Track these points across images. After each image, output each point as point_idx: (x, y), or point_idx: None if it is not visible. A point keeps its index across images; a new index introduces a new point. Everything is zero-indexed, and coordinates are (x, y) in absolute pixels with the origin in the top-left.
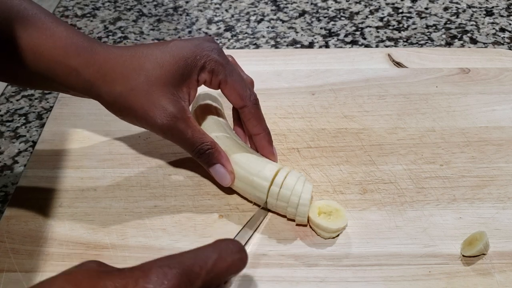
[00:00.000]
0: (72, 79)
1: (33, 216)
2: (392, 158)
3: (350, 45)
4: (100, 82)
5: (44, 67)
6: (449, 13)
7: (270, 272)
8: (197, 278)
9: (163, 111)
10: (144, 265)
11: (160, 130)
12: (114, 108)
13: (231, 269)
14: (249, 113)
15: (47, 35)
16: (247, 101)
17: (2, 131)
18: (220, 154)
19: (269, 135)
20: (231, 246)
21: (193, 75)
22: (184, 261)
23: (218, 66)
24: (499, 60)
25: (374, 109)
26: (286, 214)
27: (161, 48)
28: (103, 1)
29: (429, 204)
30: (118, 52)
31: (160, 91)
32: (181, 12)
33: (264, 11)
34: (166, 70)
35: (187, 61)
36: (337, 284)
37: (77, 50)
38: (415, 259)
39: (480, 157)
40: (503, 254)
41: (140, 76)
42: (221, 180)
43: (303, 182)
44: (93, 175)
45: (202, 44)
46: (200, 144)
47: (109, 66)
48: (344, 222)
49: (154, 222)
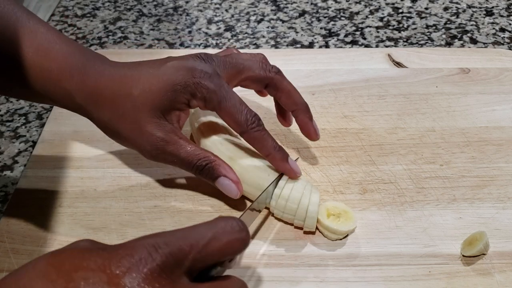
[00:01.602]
0: (66, 101)
1: (33, 216)
2: (392, 158)
3: (350, 45)
4: (91, 107)
5: (39, 86)
6: (449, 13)
7: (270, 272)
8: (185, 259)
9: (150, 136)
10: (129, 244)
11: (151, 155)
12: (106, 132)
13: (226, 249)
14: (249, 138)
15: (43, 54)
16: (244, 126)
17: (2, 131)
18: (220, 166)
19: (281, 152)
20: (230, 224)
21: (183, 100)
22: (172, 241)
23: (209, 93)
24: (499, 60)
25: (374, 109)
26: (294, 224)
27: (152, 72)
28: (103, 1)
29: (429, 204)
30: (109, 75)
31: (147, 116)
32: (181, 12)
33: (264, 11)
34: (154, 95)
35: (176, 87)
36: (337, 284)
37: (71, 72)
38: (415, 259)
39: (480, 157)
40: (503, 254)
41: (126, 103)
42: (229, 193)
43: (309, 193)
44: (93, 175)
45: (194, 69)
46: (197, 161)
47: (99, 92)
48: (353, 224)
49: (154, 222)
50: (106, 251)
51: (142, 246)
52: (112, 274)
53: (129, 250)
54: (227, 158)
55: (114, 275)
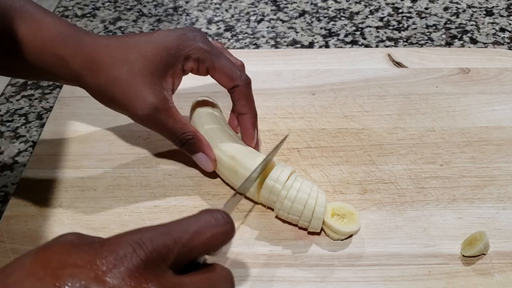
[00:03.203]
0: (60, 68)
1: (33, 216)
2: (392, 158)
3: (350, 45)
4: (86, 71)
5: (33, 57)
6: (449, 13)
7: (270, 272)
8: (169, 253)
9: (144, 101)
10: (114, 240)
11: (141, 120)
12: (99, 97)
13: (210, 242)
14: (240, 92)
15: (35, 25)
16: (238, 80)
17: (2, 131)
18: (201, 143)
19: (255, 118)
20: (214, 217)
21: (178, 64)
22: (156, 237)
23: (203, 53)
24: (499, 60)
25: (374, 109)
26: (298, 224)
27: (146, 39)
28: (103, 1)
29: (429, 204)
30: (105, 42)
31: (142, 81)
32: (181, 12)
33: (264, 11)
34: (149, 60)
35: (170, 51)
36: (337, 284)
37: (65, 40)
38: (415, 259)
39: (480, 157)
40: (503, 254)
41: (123, 66)
42: (204, 167)
43: (316, 194)
44: (93, 175)
45: (185, 34)
46: (182, 134)
47: (95, 56)
48: (356, 226)
49: (154, 222)
50: (91, 247)
51: (126, 242)
52: (98, 270)
53: (114, 246)
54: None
55: (101, 271)
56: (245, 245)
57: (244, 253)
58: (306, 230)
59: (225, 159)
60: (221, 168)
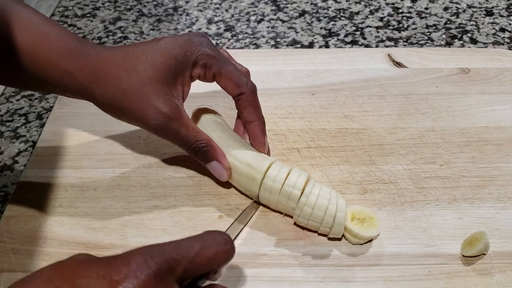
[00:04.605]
0: (67, 82)
1: (33, 216)
2: (392, 158)
3: (350, 45)
4: (94, 84)
5: (38, 70)
6: (449, 13)
7: (270, 272)
8: (177, 266)
9: (156, 111)
10: (126, 254)
11: (154, 130)
12: (109, 110)
13: (214, 259)
14: (246, 100)
15: (41, 38)
16: (244, 88)
17: (2, 131)
18: (215, 151)
19: (263, 125)
20: (217, 237)
21: (186, 71)
22: (165, 250)
23: (210, 59)
24: (499, 60)
25: (374, 109)
26: (318, 231)
27: (152, 47)
28: (103, 1)
29: (429, 204)
30: (110, 53)
31: (153, 90)
32: (181, 12)
33: (264, 11)
34: (158, 69)
35: (178, 58)
36: (337, 284)
37: (71, 53)
38: (415, 259)
39: (480, 157)
40: (503, 254)
41: (132, 77)
42: (219, 176)
43: (336, 199)
44: (93, 175)
45: (191, 40)
46: (195, 142)
47: (102, 69)
48: (376, 231)
49: (154, 222)
50: (105, 261)
51: (138, 255)
52: (111, 280)
53: (126, 259)
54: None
55: (114, 281)
56: (245, 245)
57: (244, 253)
58: (327, 236)
59: (241, 166)
60: (237, 176)
